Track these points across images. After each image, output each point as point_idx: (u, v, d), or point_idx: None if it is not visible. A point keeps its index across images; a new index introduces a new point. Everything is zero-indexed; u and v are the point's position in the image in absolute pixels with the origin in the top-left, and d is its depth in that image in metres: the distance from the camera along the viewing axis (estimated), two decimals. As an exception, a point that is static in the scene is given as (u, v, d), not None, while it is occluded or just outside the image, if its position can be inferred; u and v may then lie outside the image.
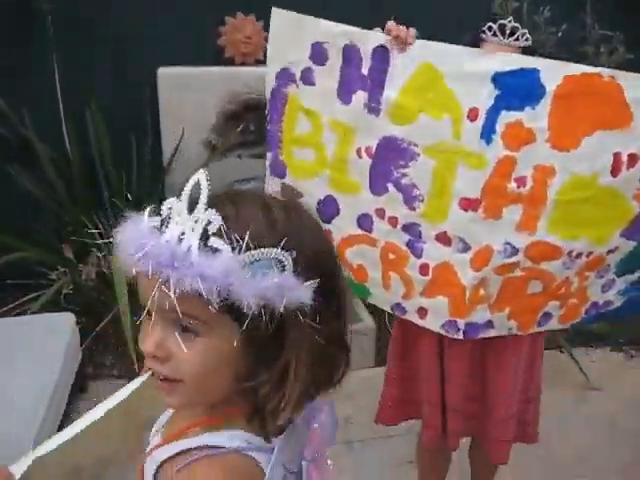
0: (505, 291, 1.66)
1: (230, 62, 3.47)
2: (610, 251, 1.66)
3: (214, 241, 0.77)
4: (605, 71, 1.49)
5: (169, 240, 0.78)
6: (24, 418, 2.25)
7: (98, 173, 3.38)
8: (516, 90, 1.50)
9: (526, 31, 1.67)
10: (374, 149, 1.65)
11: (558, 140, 1.51)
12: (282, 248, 0.79)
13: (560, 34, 3.45)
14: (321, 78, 1.71)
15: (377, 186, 1.68)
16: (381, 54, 1.61)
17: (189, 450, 0.86)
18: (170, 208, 0.81)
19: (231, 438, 0.85)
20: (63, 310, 2.96)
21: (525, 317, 1.73)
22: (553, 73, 1.50)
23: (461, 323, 1.68)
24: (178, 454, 0.87)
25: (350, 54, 1.64)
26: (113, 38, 3.35)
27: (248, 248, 0.77)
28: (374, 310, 3.43)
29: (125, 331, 2.72)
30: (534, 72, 1.49)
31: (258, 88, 3.36)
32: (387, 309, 1.82)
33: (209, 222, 0.78)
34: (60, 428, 2.61)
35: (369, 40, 1.62)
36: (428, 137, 1.58)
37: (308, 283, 0.81)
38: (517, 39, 1.66)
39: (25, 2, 3.21)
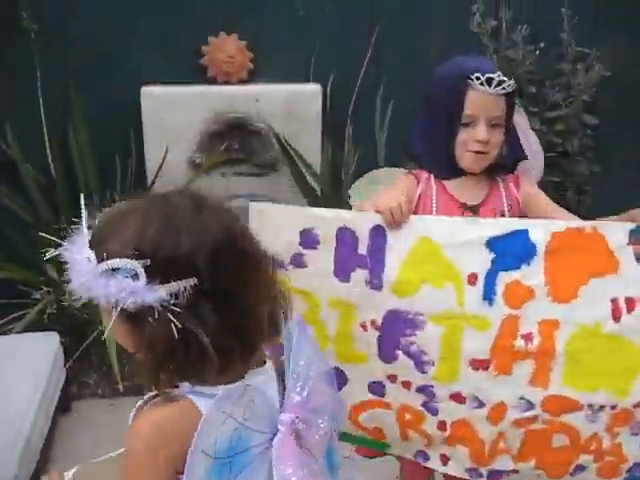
0: (528, 443, 1.68)
1: (213, 81, 3.49)
2: (637, 405, 1.65)
3: (88, 252, 1.02)
4: (587, 224, 1.61)
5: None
6: (9, 436, 2.24)
7: (82, 192, 3.37)
8: (510, 251, 1.60)
9: (512, 82, 1.70)
10: (380, 321, 1.66)
11: (556, 293, 1.59)
12: (137, 258, 0.98)
13: (538, 52, 3.50)
14: (314, 261, 1.69)
15: (386, 354, 1.68)
16: (378, 232, 1.64)
17: (150, 398, 1.09)
18: None
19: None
20: (47, 329, 2.96)
21: (555, 469, 1.72)
22: (540, 230, 1.60)
23: (484, 470, 1.71)
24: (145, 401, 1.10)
25: (344, 237, 1.65)
26: (96, 57, 3.37)
27: (107, 258, 0.99)
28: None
29: (109, 350, 2.72)
30: (523, 232, 1.60)
31: (241, 107, 3.41)
32: (410, 457, 1.81)
33: (88, 236, 1.05)
34: (45, 446, 2.61)
35: (364, 222, 1.65)
36: (433, 306, 1.62)
37: (161, 286, 0.97)
38: (503, 88, 1.69)
39: (8, 18, 3.22)
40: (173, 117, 3.35)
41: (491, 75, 1.67)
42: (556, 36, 3.55)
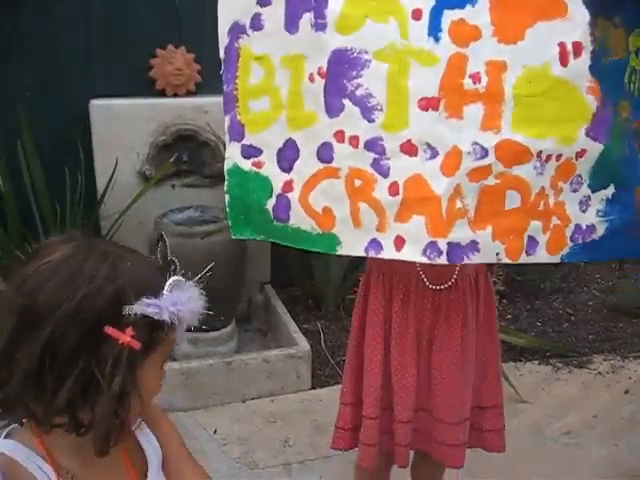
0: (483, 203, 1.61)
1: (162, 94, 3.53)
2: (579, 155, 1.65)
3: None
4: None
5: None
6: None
7: (32, 206, 3.37)
8: None
9: None
10: (325, 67, 1.63)
11: (503, 33, 1.56)
12: None
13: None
14: (269, 18, 1.72)
15: (332, 106, 1.64)
16: None
17: None
18: None
19: None
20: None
21: (511, 240, 1.65)
22: None
23: (442, 243, 1.60)
24: None
25: None
26: (44, 70, 3.38)
27: None
28: (309, 332, 3.52)
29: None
30: None
31: (190, 119, 3.45)
32: (361, 253, 1.67)
33: None
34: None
35: None
36: (377, 41, 1.60)
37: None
38: None
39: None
40: (122, 130, 3.37)
41: None
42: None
